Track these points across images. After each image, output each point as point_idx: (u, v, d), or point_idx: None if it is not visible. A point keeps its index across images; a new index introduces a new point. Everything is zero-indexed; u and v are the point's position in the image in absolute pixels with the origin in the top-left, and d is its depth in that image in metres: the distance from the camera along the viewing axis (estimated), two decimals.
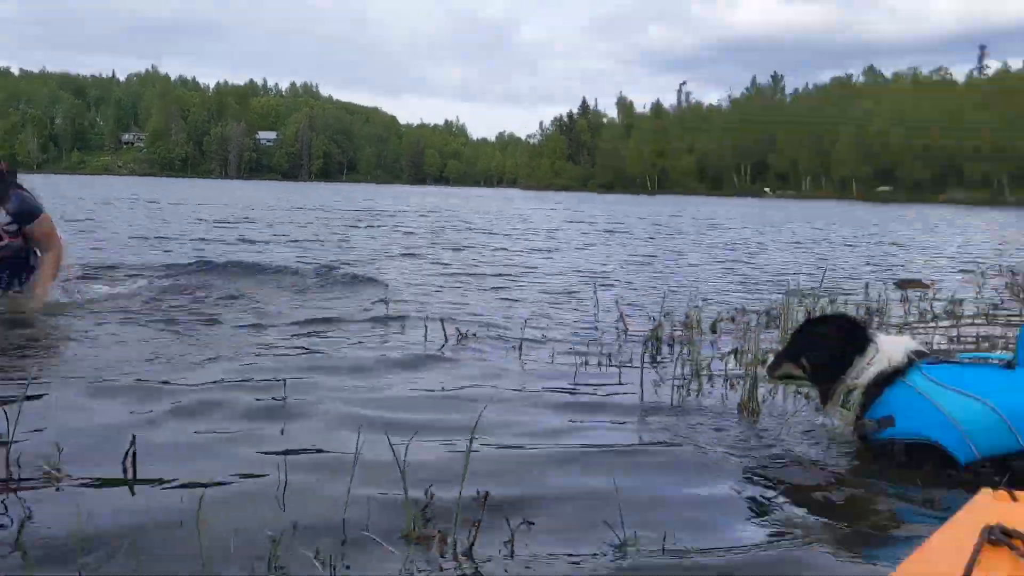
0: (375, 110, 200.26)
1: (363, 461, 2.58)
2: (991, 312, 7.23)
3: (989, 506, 1.70)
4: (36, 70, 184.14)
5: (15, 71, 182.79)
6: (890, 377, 3.08)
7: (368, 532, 2.21)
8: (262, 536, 2.12)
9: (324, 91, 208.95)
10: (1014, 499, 1.74)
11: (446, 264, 10.56)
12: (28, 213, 5.68)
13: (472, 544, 2.18)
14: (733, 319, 6.39)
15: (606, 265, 11.46)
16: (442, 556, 2.14)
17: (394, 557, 2.10)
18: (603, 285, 8.50)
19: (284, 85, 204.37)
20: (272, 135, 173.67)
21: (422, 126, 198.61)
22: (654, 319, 5.80)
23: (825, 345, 3.23)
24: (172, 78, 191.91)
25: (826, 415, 3.41)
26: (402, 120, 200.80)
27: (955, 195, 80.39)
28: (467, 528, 2.20)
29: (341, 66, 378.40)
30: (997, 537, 1.46)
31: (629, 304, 7.18)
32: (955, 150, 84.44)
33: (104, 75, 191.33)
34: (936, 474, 2.92)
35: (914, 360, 3.09)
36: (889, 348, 3.15)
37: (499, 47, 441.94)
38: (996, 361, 3.05)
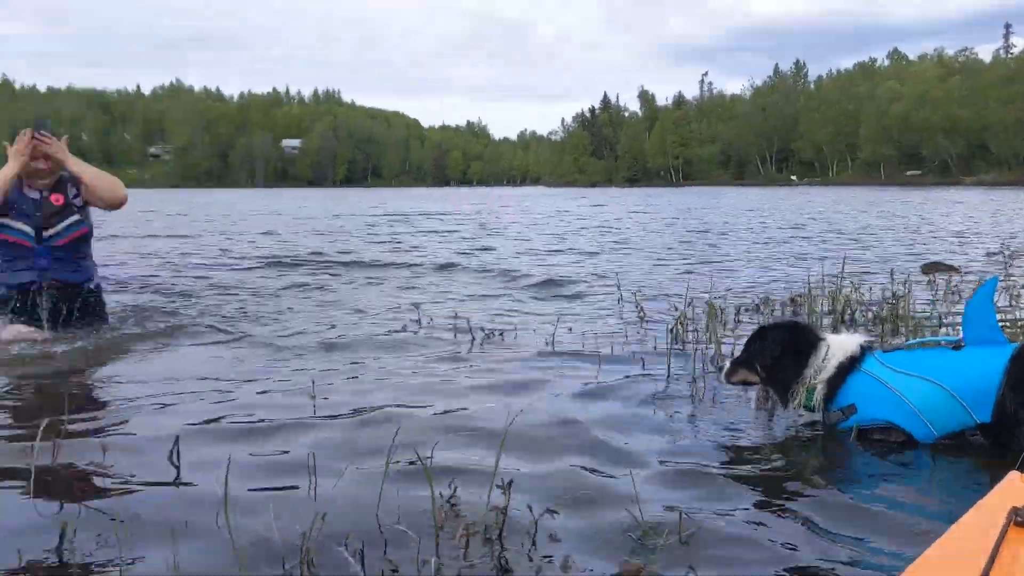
0: (397, 114, 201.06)
1: (397, 466, 2.65)
2: (1021, 293, 7.16)
3: (1016, 489, 1.74)
4: (63, 87, 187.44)
5: (42, 89, 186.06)
6: (848, 368, 3.24)
7: (399, 525, 2.29)
8: (294, 532, 2.20)
9: (347, 97, 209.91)
10: None
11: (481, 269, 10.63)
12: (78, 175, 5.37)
13: (500, 532, 2.25)
14: (758, 308, 6.40)
15: (632, 256, 11.48)
16: (467, 546, 2.21)
17: (424, 548, 2.18)
18: (630, 279, 8.53)
19: (307, 93, 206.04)
20: (296, 143, 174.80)
21: (444, 128, 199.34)
22: (677, 309, 5.83)
23: (778, 350, 3.37)
24: (196, 90, 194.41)
25: (792, 410, 3.47)
26: (424, 123, 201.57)
27: (984, 177, 79.09)
28: (494, 519, 2.27)
29: (363, 71, 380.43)
30: (1023, 519, 1.51)
31: (658, 296, 7.22)
32: (981, 128, 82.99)
33: (129, 89, 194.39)
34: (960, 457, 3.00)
35: (867, 350, 3.28)
36: (841, 342, 3.32)
37: (517, 46, 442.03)
38: (945, 344, 3.25)
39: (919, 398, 3.07)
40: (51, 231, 5.08)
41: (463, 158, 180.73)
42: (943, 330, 5.22)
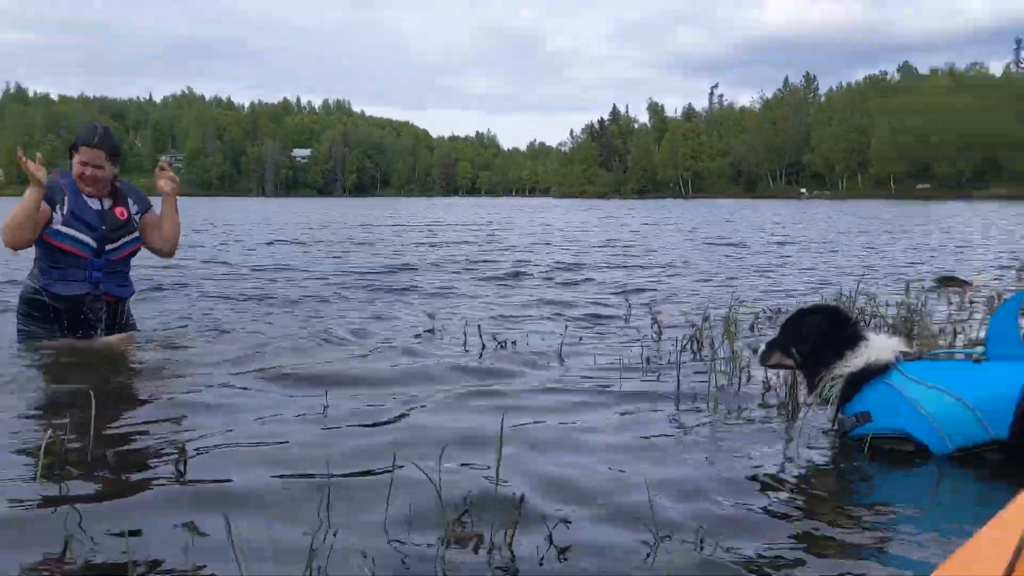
0: (407, 124, 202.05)
1: (404, 472, 2.62)
2: None
3: None
4: (75, 95, 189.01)
5: (55, 96, 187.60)
6: (875, 372, 3.17)
7: (408, 534, 2.25)
8: (301, 537, 2.17)
9: (356, 107, 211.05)
10: None
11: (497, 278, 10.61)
12: (146, 199, 5.23)
13: (510, 543, 2.20)
14: (771, 318, 6.35)
15: (649, 269, 11.45)
16: (476, 553, 2.16)
17: (432, 556, 2.14)
18: (642, 290, 8.49)
19: (317, 102, 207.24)
20: (307, 152, 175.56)
21: (454, 138, 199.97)
22: (692, 323, 5.78)
23: (816, 336, 3.31)
24: (207, 98, 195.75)
25: (808, 403, 3.47)
26: (434, 133, 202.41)
27: (996, 190, 78.80)
28: (504, 528, 2.23)
29: (373, 82, 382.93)
30: None
31: (673, 306, 7.18)
32: (994, 144, 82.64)
33: (142, 98, 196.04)
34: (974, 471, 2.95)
35: (899, 359, 3.20)
36: (879, 345, 3.24)
37: (527, 58, 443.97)
38: (967, 356, 3.19)
39: (937, 410, 3.01)
40: (113, 245, 4.95)
41: (472, 168, 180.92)
42: (959, 344, 5.15)
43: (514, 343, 5.35)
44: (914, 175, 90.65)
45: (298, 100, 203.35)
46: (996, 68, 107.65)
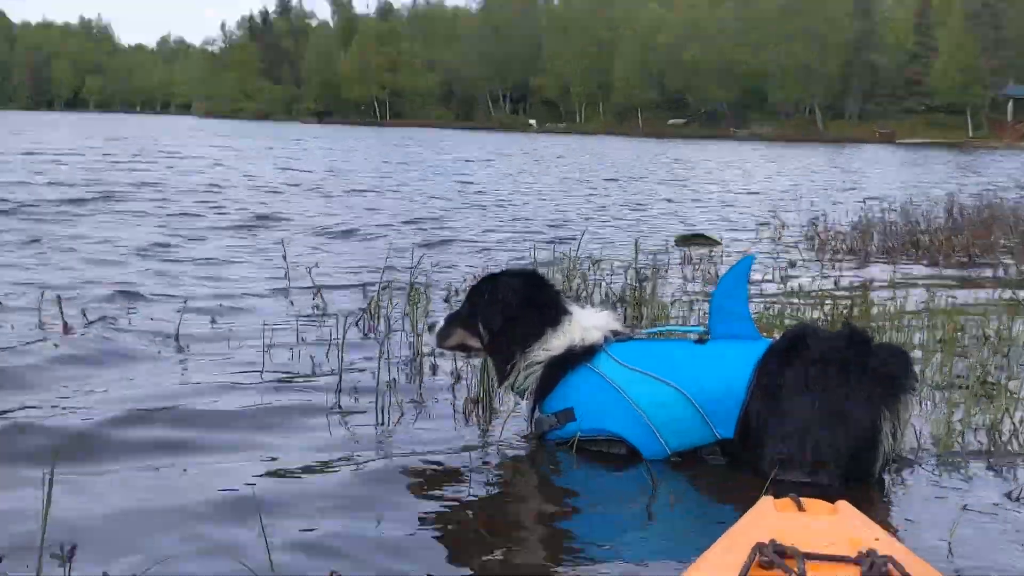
0: None
1: None
2: (787, 274, 7.93)
3: (769, 517, 1.87)
4: None
5: None
6: (577, 358, 3.27)
7: None
8: None
9: None
10: (801, 508, 1.91)
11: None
12: None
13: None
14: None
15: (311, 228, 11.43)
16: None
17: None
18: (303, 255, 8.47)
19: None
20: None
21: (47, 26, 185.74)
22: (368, 292, 5.84)
23: (509, 308, 3.35)
24: None
25: (503, 393, 3.60)
26: (15, 18, 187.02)
27: (758, 129, 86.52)
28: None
29: None
30: (769, 557, 1.60)
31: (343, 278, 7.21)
32: (759, 72, 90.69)
33: None
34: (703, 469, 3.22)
35: (608, 339, 3.31)
36: (585, 323, 3.34)
37: None
38: (690, 335, 3.38)
39: (652, 406, 3.13)
40: None
41: (74, 70, 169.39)
42: (694, 317, 5.61)
43: (114, 320, 5.16)
44: (665, 107, 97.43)
45: None
46: None
